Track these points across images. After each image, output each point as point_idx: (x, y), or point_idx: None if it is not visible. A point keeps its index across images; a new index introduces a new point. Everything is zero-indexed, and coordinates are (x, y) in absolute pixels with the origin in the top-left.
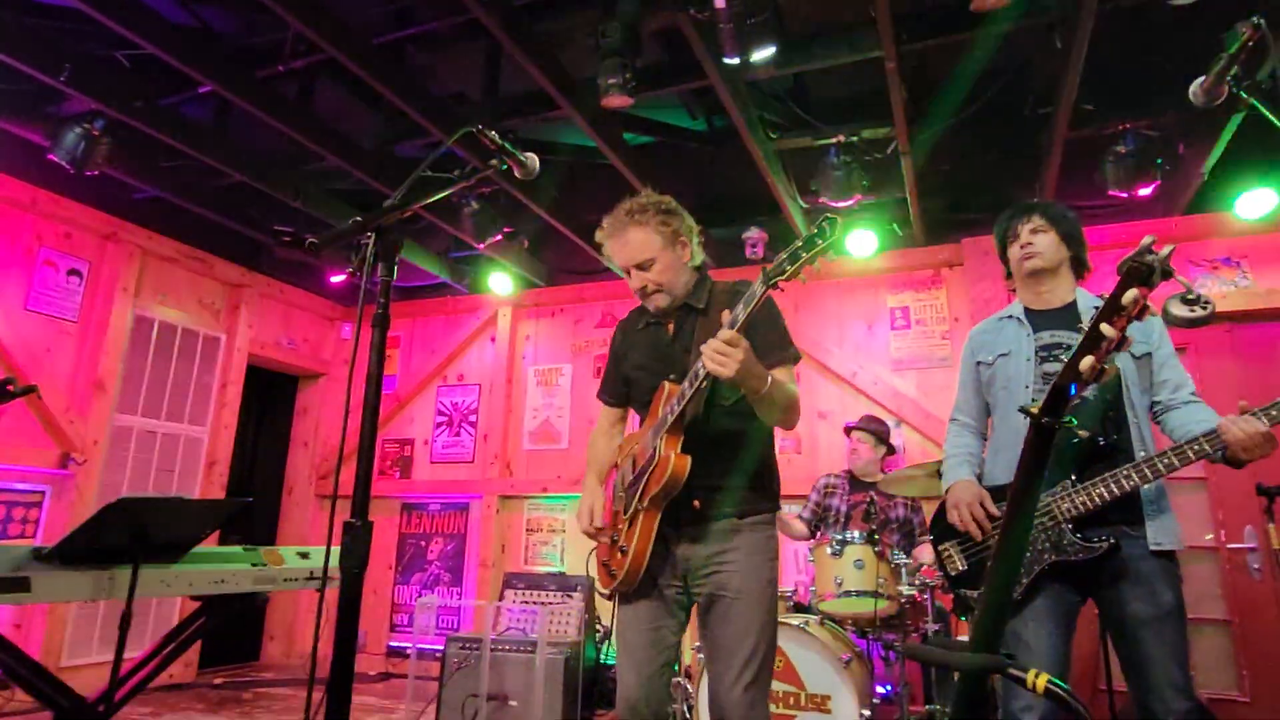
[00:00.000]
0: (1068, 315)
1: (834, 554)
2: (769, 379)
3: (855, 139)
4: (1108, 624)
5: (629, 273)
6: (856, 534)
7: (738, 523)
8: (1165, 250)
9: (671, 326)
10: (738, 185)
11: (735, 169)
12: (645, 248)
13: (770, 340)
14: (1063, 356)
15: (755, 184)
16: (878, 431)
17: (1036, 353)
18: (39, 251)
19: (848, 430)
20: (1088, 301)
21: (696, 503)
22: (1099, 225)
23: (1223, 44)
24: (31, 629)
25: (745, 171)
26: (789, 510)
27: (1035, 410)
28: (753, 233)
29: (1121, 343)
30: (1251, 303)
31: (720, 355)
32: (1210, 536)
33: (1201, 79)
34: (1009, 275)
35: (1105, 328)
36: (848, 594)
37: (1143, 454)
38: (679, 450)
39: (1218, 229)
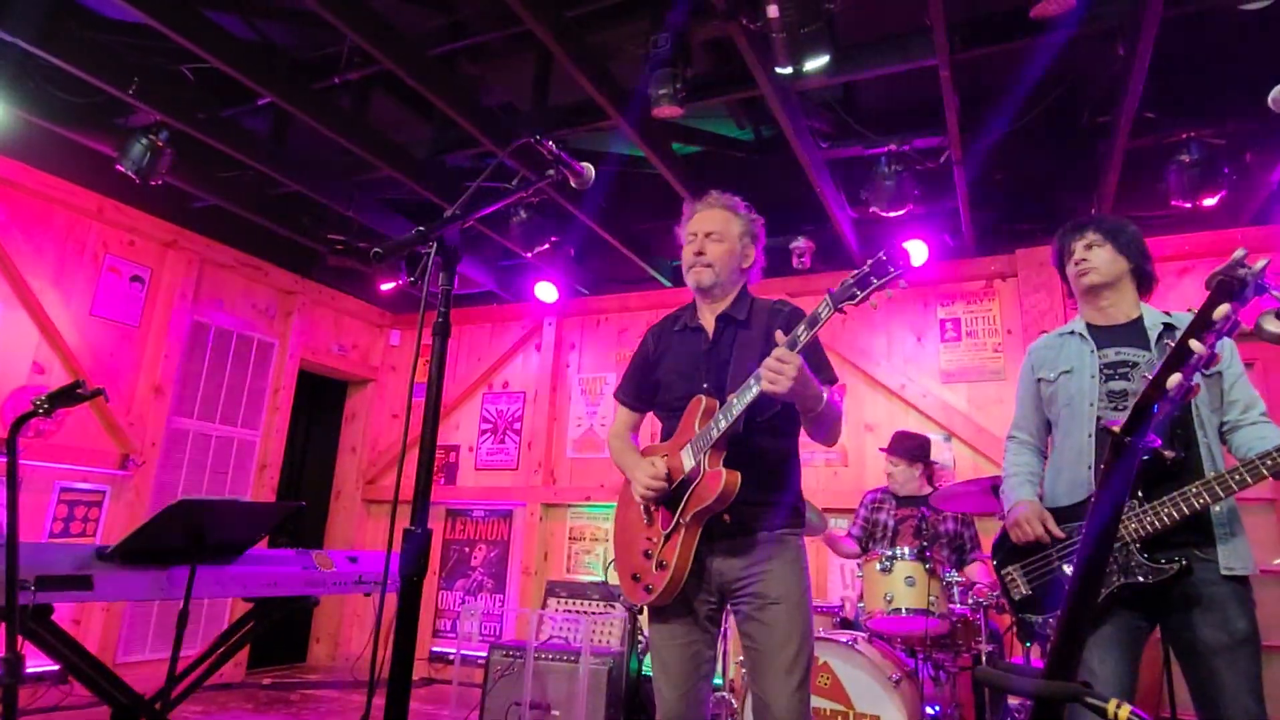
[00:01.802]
0: (1133, 331)
1: (884, 570)
2: (821, 396)
3: (906, 148)
4: (1177, 651)
5: (694, 237)
6: (907, 550)
7: (771, 535)
8: (1259, 264)
9: (711, 334)
10: (785, 194)
11: (783, 178)
12: (723, 224)
13: (814, 362)
14: (1130, 374)
15: (803, 193)
16: (909, 452)
17: (1101, 370)
18: (104, 258)
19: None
20: (1155, 317)
21: (727, 517)
22: (1159, 236)
23: None
24: (90, 625)
25: (793, 180)
26: (836, 525)
27: (1118, 429)
28: (800, 242)
29: (1211, 359)
30: None
31: (777, 375)
32: (1279, 561)
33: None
34: (1071, 294)
35: (1194, 343)
36: (898, 611)
37: (1212, 472)
38: (725, 466)
39: None
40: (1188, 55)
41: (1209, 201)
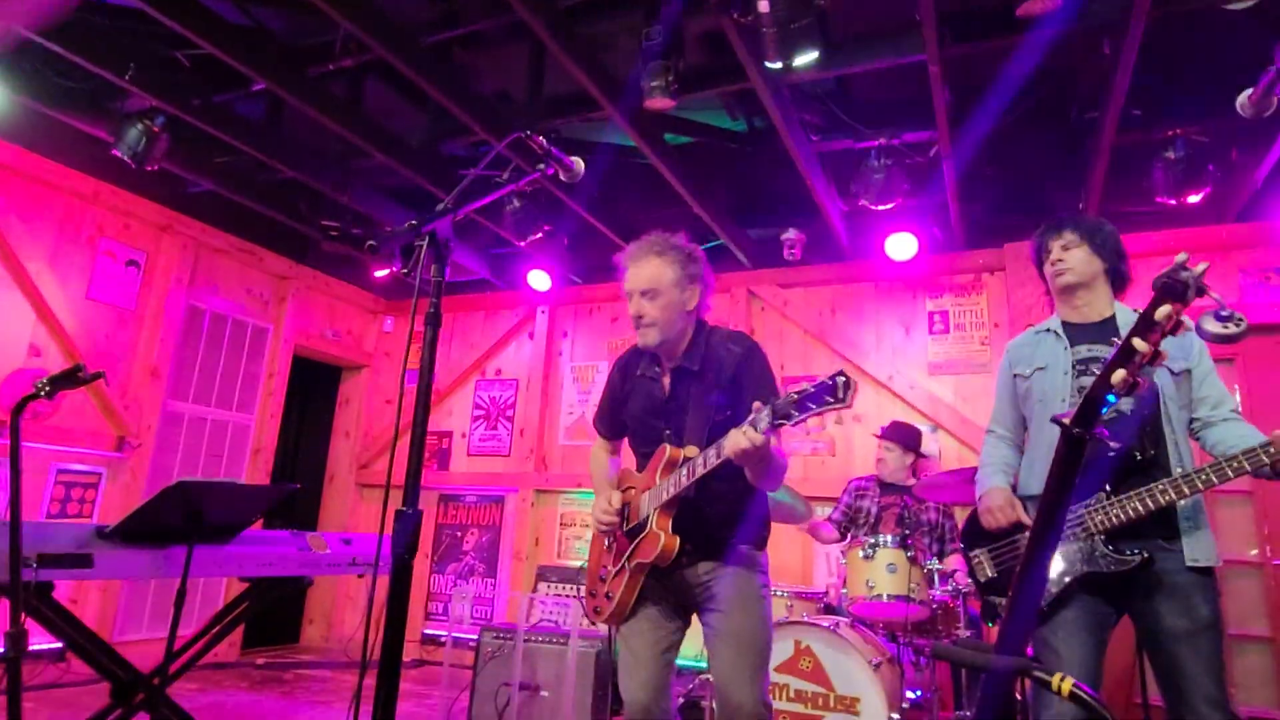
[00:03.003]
0: (1106, 329)
1: (866, 557)
2: (773, 460)
3: (896, 141)
4: (1143, 638)
5: (631, 297)
6: (889, 538)
7: (731, 558)
8: (1199, 268)
9: (667, 385)
10: (777, 186)
11: (775, 170)
12: (657, 279)
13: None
14: (1099, 370)
15: (795, 185)
16: (904, 440)
17: (1074, 366)
18: (100, 242)
19: (878, 437)
20: (1127, 316)
21: (690, 545)
22: (1147, 232)
23: (1272, 55)
24: (87, 604)
25: (785, 172)
26: (820, 514)
27: (1067, 421)
28: (791, 234)
29: (1155, 357)
30: None
31: (745, 453)
32: (1255, 552)
33: (1249, 91)
34: (1048, 291)
35: (1138, 342)
36: (879, 597)
37: (1179, 470)
38: (669, 530)
39: (1271, 237)
40: (1174, 53)
41: (1194, 198)
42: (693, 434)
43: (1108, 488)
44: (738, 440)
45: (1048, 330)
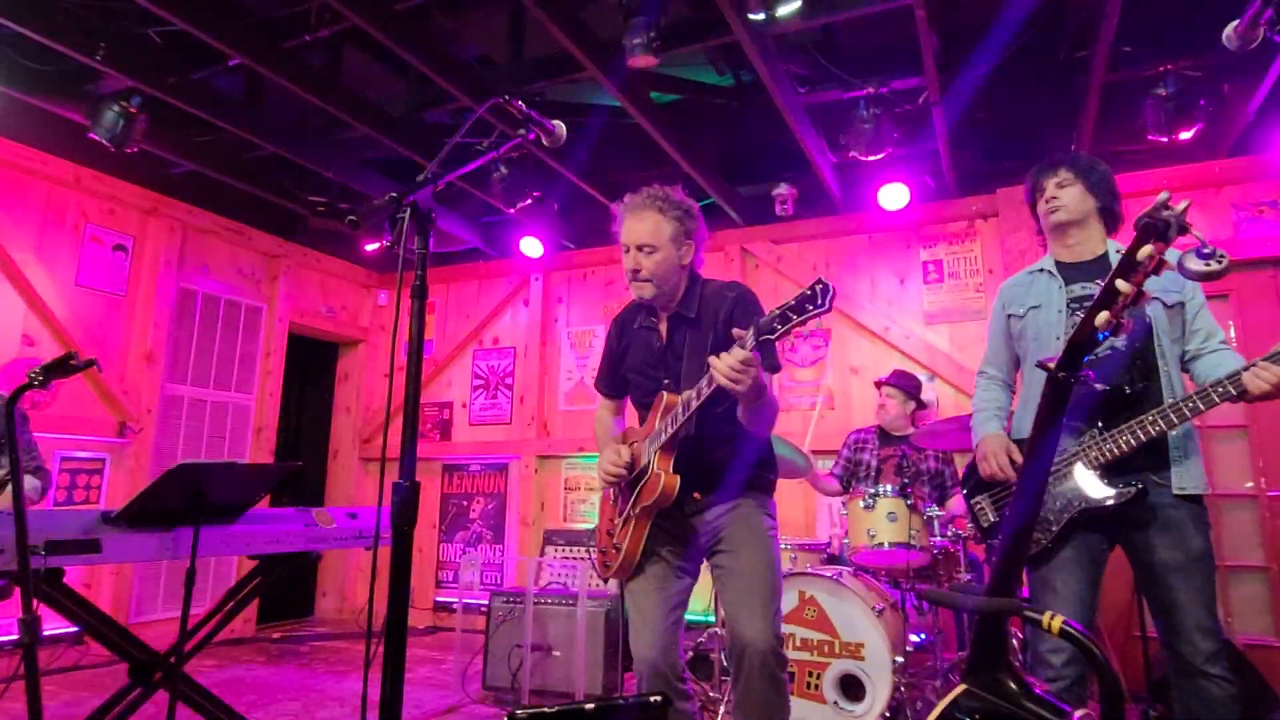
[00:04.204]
0: (1099, 267)
1: (866, 507)
2: (764, 393)
3: (885, 90)
4: (1137, 570)
5: (628, 250)
6: (889, 487)
7: (739, 500)
8: (1180, 206)
9: (665, 333)
10: (767, 140)
11: (764, 124)
12: (654, 234)
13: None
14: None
15: (784, 139)
16: (907, 387)
17: (1068, 305)
18: (85, 228)
19: (878, 385)
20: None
21: (697, 494)
22: (1141, 171)
23: None
24: (101, 589)
25: (774, 127)
26: (821, 466)
27: (1052, 365)
28: (782, 189)
29: (1138, 297)
30: None
31: (737, 374)
32: (1250, 484)
33: (1235, 23)
34: (1040, 231)
35: (1120, 283)
36: (880, 545)
37: (1171, 399)
38: (670, 469)
39: (1264, 171)
40: None
41: (1185, 135)
42: (690, 380)
43: (1100, 424)
44: (723, 361)
45: (1041, 270)
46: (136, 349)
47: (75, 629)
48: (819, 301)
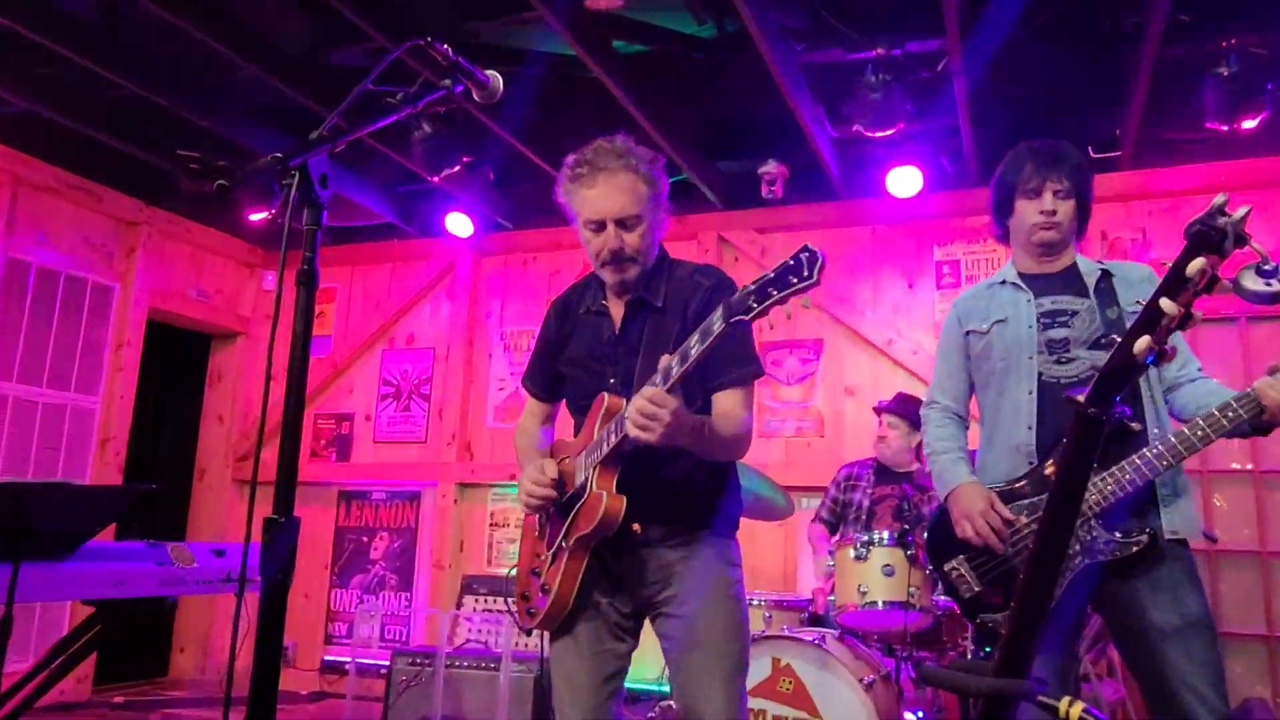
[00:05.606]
0: (1069, 278)
1: (858, 558)
2: (703, 430)
3: (898, 53)
4: (1119, 634)
5: (600, 228)
6: (885, 534)
7: (691, 537)
8: (1240, 212)
9: (618, 320)
10: (754, 108)
11: (750, 87)
12: (634, 200)
13: (727, 353)
14: (1069, 321)
15: (775, 107)
16: (914, 416)
17: (1039, 319)
18: None
19: (878, 411)
20: (1089, 265)
21: (637, 527)
22: (1193, 164)
23: None
24: None
25: (763, 90)
26: (804, 506)
27: (1081, 400)
28: (770, 167)
29: (1186, 320)
30: None
31: (649, 421)
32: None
33: None
34: (1001, 231)
35: (1166, 303)
36: (873, 604)
37: (1156, 431)
38: (613, 489)
39: None
40: None
41: (1249, 124)
42: (644, 381)
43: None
44: (632, 402)
45: (1003, 282)
46: None
47: None
48: (805, 273)
